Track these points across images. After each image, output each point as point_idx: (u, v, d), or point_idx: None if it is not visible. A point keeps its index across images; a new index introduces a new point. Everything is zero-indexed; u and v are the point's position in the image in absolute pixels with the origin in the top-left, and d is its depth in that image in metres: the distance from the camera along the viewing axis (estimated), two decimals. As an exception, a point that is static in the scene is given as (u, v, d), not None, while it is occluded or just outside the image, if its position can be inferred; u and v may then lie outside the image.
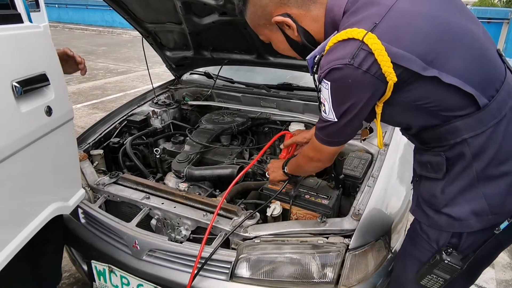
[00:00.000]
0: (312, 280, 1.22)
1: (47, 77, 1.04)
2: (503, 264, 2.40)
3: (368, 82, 0.84)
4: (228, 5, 1.78)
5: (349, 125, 0.95)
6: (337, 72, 0.85)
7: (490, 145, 0.90)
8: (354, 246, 1.21)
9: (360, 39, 0.81)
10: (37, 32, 1.04)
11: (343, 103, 0.90)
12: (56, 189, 1.19)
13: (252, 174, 1.77)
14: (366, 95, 0.87)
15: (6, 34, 0.94)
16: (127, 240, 1.39)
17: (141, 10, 2.12)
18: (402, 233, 1.51)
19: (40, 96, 1.03)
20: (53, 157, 1.13)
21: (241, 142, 2.14)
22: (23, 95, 0.93)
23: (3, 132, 0.89)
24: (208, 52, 2.38)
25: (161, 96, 2.52)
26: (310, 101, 2.21)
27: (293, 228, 1.29)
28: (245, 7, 1.05)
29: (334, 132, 0.99)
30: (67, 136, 1.19)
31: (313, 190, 1.45)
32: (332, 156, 1.13)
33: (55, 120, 1.08)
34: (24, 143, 0.95)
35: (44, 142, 1.04)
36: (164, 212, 1.44)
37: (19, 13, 1.01)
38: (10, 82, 0.90)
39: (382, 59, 0.80)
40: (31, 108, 0.98)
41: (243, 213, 1.37)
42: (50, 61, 1.08)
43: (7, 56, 0.92)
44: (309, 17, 0.98)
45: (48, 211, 1.11)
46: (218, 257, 1.26)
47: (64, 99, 1.14)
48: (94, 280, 1.54)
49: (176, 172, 1.75)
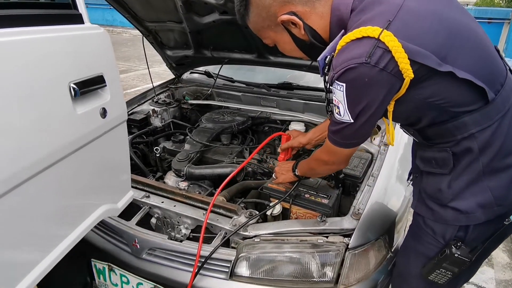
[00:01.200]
0: (311, 279, 1.22)
1: (104, 79, 1.01)
2: (502, 264, 2.40)
3: (385, 80, 0.83)
4: (229, 4, 1.78)
5: (365, 125, 0.93)
6: (352, 71, 0.84)
7: (495, 139, 0.92)
8: (354, 245, 1.21)
9: (376, 37, 0.80)
10: (98, 33, 1.02)
11: (359, 103, 0.88)
12: (108, 190, 1.18)
13: (252, 173, 1.77)
14: (382, 93, 0.86)
15: (67, 34, 0.92)
16: (127, 239, 1.39)
17: (142, 9, 2.12)
18: (402, 233, 1.51)
19: (96, 97, 1.01)
20: (106, 159, 1.12)
21: (241, 141, 2.14)
22: (79, 97, 0.91)
23: (59, 134, 0.88)
24: (208, 51, 2.38)
25: (161, 95, 2.52)
26: (310, 101, 2.21)
27: (293, 227, 1.29)
28: (247, 11, 1.03)
29: (350, 133, 0.97)
30: (120, 137, 1.17)
31: (313, 189, 1.45)
32: (348, 158, 1.11)
33: (109, 122, 1.06)
34: (78, 145, 0.94)
35: (98, 143, 1.02)
36: (164, 210, 1.45)
37: (80, 14, 0.98)
38: (68, 83, 0.88)
39: (400, 56, 0.79)
40: (86, 110, 0.96)
41: (243, 212, 1.37)
42: (108, 62, 1.06)
43: (67, 57, 0.90)
44: (314, 14, 0.97)
45: (99, 212, 1.10)
46: (218, 256, 1.26)
47: (119, 101, 1.11)
48: (94, 278, 1.54)
49: (176, 171, 1.75)
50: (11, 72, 0.75)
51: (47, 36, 0.86)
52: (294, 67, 2.23)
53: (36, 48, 0.82)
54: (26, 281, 0.84)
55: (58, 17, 0.93)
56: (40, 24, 0.86)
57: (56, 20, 0.91)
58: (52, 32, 0.88)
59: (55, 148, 0.87)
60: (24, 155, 0.78)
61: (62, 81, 0.88)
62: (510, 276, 2.30)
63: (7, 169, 0.74)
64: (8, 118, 0.74)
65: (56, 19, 0.91)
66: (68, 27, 0.94)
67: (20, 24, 0.80)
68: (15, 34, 0.77)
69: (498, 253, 2.49)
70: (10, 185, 0.75)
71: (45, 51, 0.85)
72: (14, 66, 0.75)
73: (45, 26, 0.87)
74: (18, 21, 0.81)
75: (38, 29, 0.84)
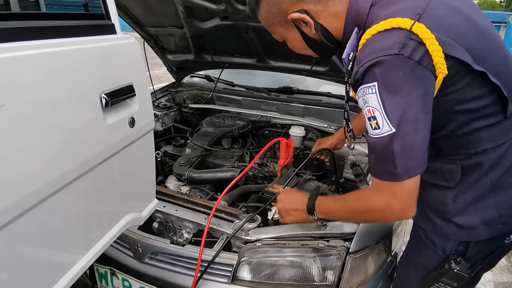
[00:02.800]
0: (313, 283, 1.23)
1: (133, 89, 1.02)
2: (500, 266, 2.41)
3: (421, 74, 0.74)
4: (230, 9, 1.79)
5: (414, 134, 0.76)
6: (383, 65, 0.74)
7: (507, 156, 0.89)
8: (355, 250, 1.22)
9: (408, 28, 0.73)
10: (129, 43, 1.02)
11: (398, 103, 0.75)
12: (134, 198, 1.18)
13: (253, 177, 1.78)
14: (420, 91, 0.75)
15: (101, 45, 0.93)
16: (129, 243, 1.39)
17: (143, 14, 2.13)
18: (402, 236, 1.52)
19: (125, 107, 1.01)
20: (133, 168, 1.12)
21: (241, 145, 2.15)
22: (110, 107, 0.92)
23: (91, 143, 0.89)
24: (209, 55, 2.39)
25: (162, 98, 2.53)
26: (310, 105, 2.22)
27: (294, 231, 1.30)
28: (258, 5, 0.99)
29: (400, 152, 0.76)
30: (147, 146, 1.17)
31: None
32: (411, 196, 0.83)
33: (137, 131, 1.06)
34: (108, 154, 0.95)
35: (126, 153, 1.03)
36: (166, 215, 1.45)
37: (113, 24, 0.99)
38: (99, 94, 0.89)
39: (434, 48, 0.72)
40: (116, 120, 0.96)
41: (244, 216, 1.38)
42: (137, 72, 1.06)
43: (100, 67, 0.91)
44: (327, 13, 0.92)
45: (125, 221, 1.11)
46: (220, 260, 1.27)
47: (147, 110, 1.11)
48: (96, 282, 1.54)
49: (177, 175, 1.75)
50: (46, 82, 0.76)
51: (82, 47, 0.87)
52: (294, 71, 2.25)
53: (70, 59, 0.83)
54: (63, 281, 0.87)
55: (93, 27, 0.94)
56: (76, 35, 0.87)
57: (91, 31, 0.92)
58: (86, 43, 0.89)
59: (87, 158, 0.88)
60: (60, 163, 0.79)
61: (94, 92, 0.89)
62: (507, 279, 2.31)
63: (45, 176, 0.76)
64: (42, 129, 0.75)
65: (90, 30, 0.92)
66: (101, 38, 0.95)
67: (57, 35, 0.82)
68: (51, 46, 0.78)
69: (496, 256, 2.50)
70: (50, 191, 0.77)
71: (80, 61, 0.86)
72: (49, 76, 0.77)
73: (80, 37, 0.88)
74: (55, 32, 0.82)
75: (73, 40, 0.86)
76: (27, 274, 0.79)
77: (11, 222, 0.69)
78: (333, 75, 2.13)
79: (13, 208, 0.69)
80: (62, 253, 0.90)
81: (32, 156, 0.73)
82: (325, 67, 2.09)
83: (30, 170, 0.73)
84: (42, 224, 0.79)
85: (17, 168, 0.70)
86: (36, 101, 0.73)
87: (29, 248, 0.79)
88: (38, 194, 0.75)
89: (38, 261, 0.82)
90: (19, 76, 0.70)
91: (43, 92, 0.75)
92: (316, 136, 2.00)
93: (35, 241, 0.79)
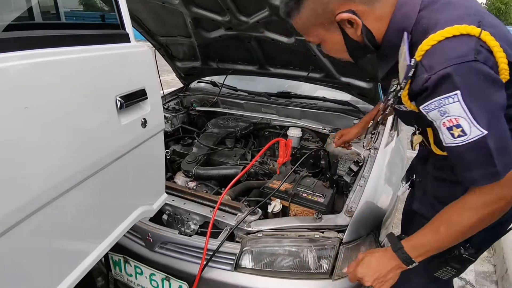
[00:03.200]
0: (309, 270, 1.23)
1: (145, 92, 1.03)
2: (481, 257, 2.39)
3: (495, 78, 0.70)
4: (234, 21, 1.80)
5: (503, 129, 0.73)
6: (464, 71, 0.68)
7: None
8: (347, 240, 1.22)
9: (477, 35, 0.68)
10: (142, 51, 1.03)
11: (484, 106, 0.70)
12: (145, 193, 1.19)
13: (254, 174, 1.78)
14: (497, 92, 0.71)
15: (116, 52, 0.94)
16: (141, 233, 1.40)
17: (155, 24, 2.14)
18: (390, 229, 1.52)
19: (138, 109, 1.02)
20: (144, 164, 1.13)
21: (244, 144, 2.15)
22: (124, 109, 0.93)
23: (106, 142, 0.90)
24: (214, 62, 2.40)
25: (171, 102, 2.53)
26: (306, 108, 2.23)
27: (291, 223, 1.30)
28: (298, 5, 0.85)
29: (498, 149, 0.71)
30: (158, 145, 1.18)
31: (309, 189, 1.46)
32: None
33: (149, 131, 1.07)
34: (122, 152, 0.96)
35: (138, 151, 1.04)
36: (175, 208, 1.45)
37: (128, 33, 1.01)
38: (115, 97, 0.90)
39: (500, 55, 0.69)
40: (129, 121, 0.97)
41: (247, 210, 1.38)
42: (149, 77, 1.07)
43: (115, 73, 0.92)
44: (372, 15, 0.82)
45: (137, 213, 1.11)
46: (224, 249, 1.27)
47: (158, 112, 1.12)
48: (110, 269, 1.54)
49: (185, 171, 1.76)
50: (66, 86, 0.77)
51: (99, 54, 0.88)
52: (292, 77, 2.25)
53: (89, 65, 0.84)
54: (81, 267, 0.88)
55: (109, 36, 0.95)
56: (94, 43, 0.88)
57: (107, 39, 0.93)
58: (103, 51, 0.90)
59: (104, 155, 0.89)
60: (78, 160, 0.80)
61: (110, 95, 0.90)
62: (487, 268, 2.30)
63: (65, 172, 0.77)
64: (63, 129, 0.76)
65: (107, 38, 0.93)
66: (117, 46, 0.96)
67: (77, 43, 0.83)
68: (71, 53, 0.79)
69: (476, 247, 2.50)
70: (69, 186, 0.78)
71: (97, 67, 0.87)
72: (69, 80, 0.77)
73: (98, 45, 0.89)
74: (75, 40, 0.83)
75: (91, 47, 0.87)
76: (49, 261, 0.79)
77: (35, 213, 0.70)
78: (327, 81, 2.13)
79: (36, 201, 0.70)
80: (80, 243, 0.91)
81: (53, 153, 0.74)
82: (321, 73, 2.09)
83: (52, 166, 0.73)
84: (62, 216, 0.80)
85: (40, 164, 0.70)
86: (57, 103, 0.74)
87: (51, 238, 0.79)
88: (58, 188, 0.75)
89: (59, 249, 0.83)
90: (42, 80, 0.71)
91: (64, 95, 0.76)
92: (312, 137, 2.00)
93: (56, 231, 0.80)
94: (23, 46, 0.68)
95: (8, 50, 0.65)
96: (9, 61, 0.64)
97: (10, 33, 0.69)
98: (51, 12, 1.33)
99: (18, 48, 0.67)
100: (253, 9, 1.73)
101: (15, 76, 0.65)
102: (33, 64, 0.69)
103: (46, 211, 0.73)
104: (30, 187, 0.68)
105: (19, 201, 0.66)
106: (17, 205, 0.66)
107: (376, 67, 1.00)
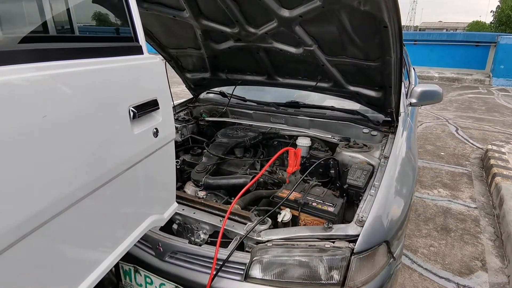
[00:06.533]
0: (319, 281, 1.21)
1: (157, 103, 1.04)
2: (495, 268, 2.33)
3: None
4: (242, 32, 1.82)
5: None
6: None
7: None
8: (359, 250, 1.19)
9: None
10: (154, 62, 1.06)
11: None
12: (156, 202, 1.19)
13: (263, 183, 1.77)
14: None
15: (130, 64, 0.96)
16: (151, 243, 1.39)
17: (166, 37, 2.18)
18: (402, 240, 1.49)
19: (150, 119, 1.03)
20: (156, 174, 1.14)
21: (253, 154, 2.15)
22: (137, 119, 0.95)
23: (120, 151, 0.91)
24: (223, 73, 2.42)
25: (181, 112, 2.56)
26: (315, 117, 2.22)
27: (302, 233, 1.28)
28: None
29: None
30: (169, 154, 1.19)
31: (319, 198, 1.44)
32: None
33: (160, 140, 1.08)
34: (134, 161, 0.97)
35: (149, 160, 1.05)
36: (184, 217, 1.45)
37: (141, 45, 1.03)
38: (128, 107, 0.92)
39: None
40: (142, 130, 0.98)
41: (256, 219, 1.37)
42: (161, 88, 1.09)
43: (129, 84, 0.94)
44: None
45: (148, 222, 1.12)
46: (234, 259, 1.26)
47: (169, 121, 1.14)
48: (120, 279, 1.54)
49: (195, 181, 1.76)
50: (82, 96, 0.78)
51: (113, 66, 0.90)
52: (301, 87, 2.26)
53: (103, 76, 0.86)
54: (92, 276, 0.87)
55: (123, 49, 0.97)
56: (108, 55, 0.90)
57: (121, 51, 0.95)
58: (117, 62, 0.92)
59: (116, 164, 0.90)
60: (92, 169, 0.81)
61: (123, 105, 0.91)
62: (502, 280, 2.23)
63: (81, 179, 0.78)
64: (77, 138, 0.77)
65: (121, 51, 0.96)
66: (130, 58, 0.98)
67: (92, 55, 0.85)
68: (86, 65, 0.81)
69: (491, 258, 2.42)
70: (82, 195, 0.79)
71: (111, 78, 0.88)
72: (84, 90, 0.79)
73: (112, 57, 0.91)
74: (91, 52, 0.85)
75: (106, 59, 0.89)
76: (62, 270, 0.79)
77: (49, 221, 0.70)
78: (336, 91, 2.13)
79: (50, 209, 0.70)
80: (93, 251, 0.91)
81: (68, 162, 0.74)
82: (329, 83, 2.09)
83: (66, 175, 0.74)
84: (75, 224, 0.80)
85: (55, 172, 0.71)
86: (73, 113, 0.75)
87: (63, 246, 0.79)
88: (72, 197, 0.76)
89: (72, 258, 0.83)
90: (60, 91, 0.72)
91: (79, 105, 0.77)
92: (321, 146, 1.99)
93: (69, 239, 0.80)
94: (40, 58, 0.70)
95: (25, 61, 0.67)
96: (27, 72, 0.66)
97: (26, 45, 0.71)
98: (65, 27, 1.37)
99: (35, 60, 0.69)
100: (262, 20, 1.75)
101: (33, 86, 0.67)
102: (52, 75, 0.70)
103: (60, 219, 0.73)
104: (47, 195, 0.69)
105: (35, 209, 0.67)
106: (33, 213, 0.66)
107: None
